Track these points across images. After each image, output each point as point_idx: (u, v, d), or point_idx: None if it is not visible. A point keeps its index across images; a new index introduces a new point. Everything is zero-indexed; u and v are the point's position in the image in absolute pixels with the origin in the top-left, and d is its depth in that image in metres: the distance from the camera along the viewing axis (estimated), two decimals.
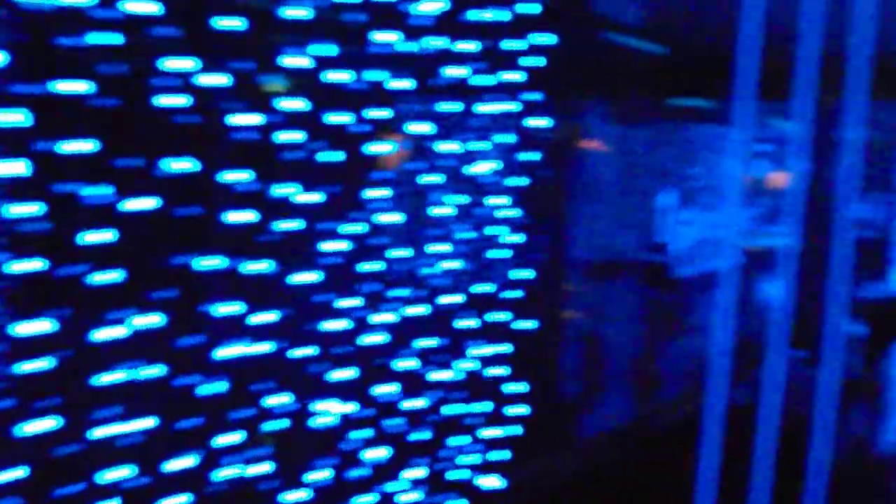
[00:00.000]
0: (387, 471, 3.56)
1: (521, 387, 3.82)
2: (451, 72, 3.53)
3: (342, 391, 3.38)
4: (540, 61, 3.67)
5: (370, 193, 3.38)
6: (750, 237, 6.03)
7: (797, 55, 2.75)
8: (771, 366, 2.97)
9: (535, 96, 3.71)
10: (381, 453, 3.52)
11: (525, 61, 3.66)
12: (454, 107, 3.58)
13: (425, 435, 3.64)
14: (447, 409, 3.70)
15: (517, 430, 3.82)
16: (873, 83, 2.72)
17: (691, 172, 6.25)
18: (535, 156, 3.79)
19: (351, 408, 3.42)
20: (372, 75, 3.31)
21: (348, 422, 3.44)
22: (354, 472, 3.48)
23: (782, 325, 2.96)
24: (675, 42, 5.70)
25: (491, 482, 3.80)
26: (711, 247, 6.09)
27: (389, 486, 3.58)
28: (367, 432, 3.48)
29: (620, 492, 4.20)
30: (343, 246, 3.31)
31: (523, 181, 3.78)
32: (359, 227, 3.35)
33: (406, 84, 3.40)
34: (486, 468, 3.80)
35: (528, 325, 3.81)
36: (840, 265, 2.82)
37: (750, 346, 3.21)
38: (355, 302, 3.37)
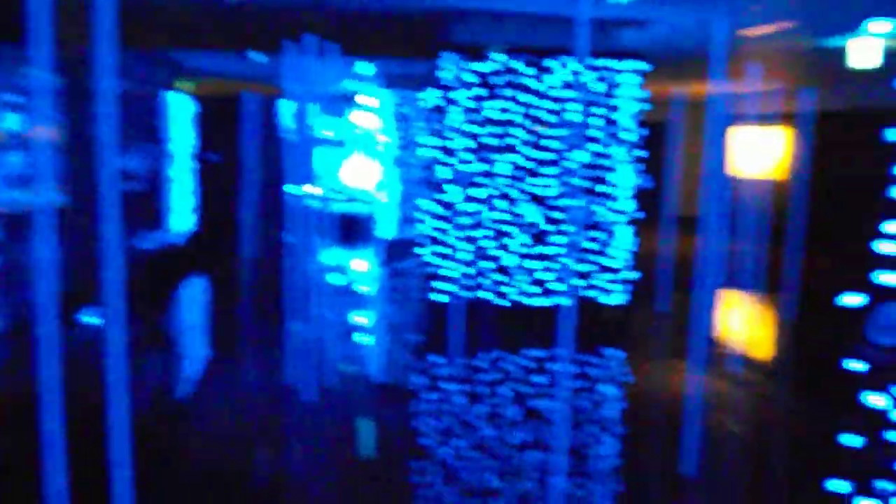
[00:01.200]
0: None
1: None
2: None
3: None
4: None
5: None
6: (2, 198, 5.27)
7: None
8: (45, 334, 2.63)
9: None
10: None
11: None
12: None
13: None
14: None
15: None
16: (124, 32, 2.61)
17: None
18: None
19: None
20: None
21: None
22: None
23: (52, 289, 2.68)
24: None
25: None
26: None
27: None
28: None
29: None
30: None
31: None
32: None
33: None
34: None
35: None
36: (109, 219, 2.68)
37: (25, 321, 2.81)
38: None
